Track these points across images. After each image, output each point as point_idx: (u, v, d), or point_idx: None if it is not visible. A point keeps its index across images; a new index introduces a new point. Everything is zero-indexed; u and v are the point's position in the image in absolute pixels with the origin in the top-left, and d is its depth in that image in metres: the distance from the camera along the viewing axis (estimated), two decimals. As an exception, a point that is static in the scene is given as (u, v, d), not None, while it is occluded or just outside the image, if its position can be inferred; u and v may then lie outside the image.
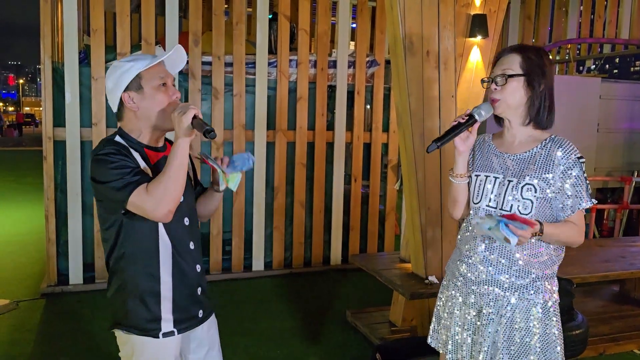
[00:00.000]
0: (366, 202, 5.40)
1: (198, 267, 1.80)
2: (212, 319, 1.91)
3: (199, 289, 1.80)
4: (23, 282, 4.64)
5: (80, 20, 4.55)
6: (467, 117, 1.72)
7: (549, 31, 6.87)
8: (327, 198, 5.22)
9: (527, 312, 1.77)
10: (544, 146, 1.76)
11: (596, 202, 1.64)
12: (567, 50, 8.44)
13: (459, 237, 1.94)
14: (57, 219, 4.44)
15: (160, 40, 4.79)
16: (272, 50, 5.03)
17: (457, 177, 1.85)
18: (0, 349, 3.42)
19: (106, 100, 4.38)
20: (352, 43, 5.73)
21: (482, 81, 1.83)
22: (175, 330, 1.73)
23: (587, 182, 1.73)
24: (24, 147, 22.79)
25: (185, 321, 1.76)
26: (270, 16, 5.03)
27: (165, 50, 4.55)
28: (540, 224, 1.65)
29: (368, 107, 5.38)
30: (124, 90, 1.65)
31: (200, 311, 1.81)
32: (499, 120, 1.85)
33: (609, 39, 6.78)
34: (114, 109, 1.71)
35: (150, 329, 1.69)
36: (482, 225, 1.58)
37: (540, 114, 1.77)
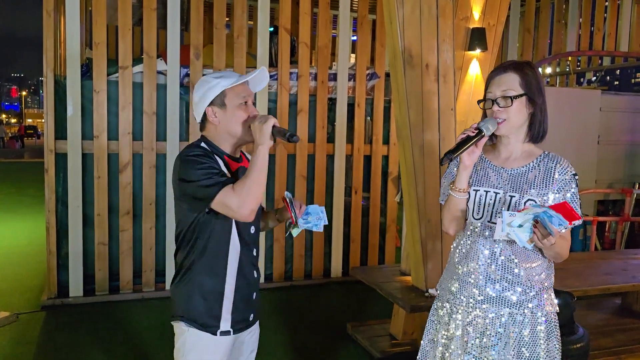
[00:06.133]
0: (367, 215, 5.40)
1: (255, 273, 1.92)
2: (257, 324, 2.01)
3: (254, 294, 1.92)
4: (23, 295, 4.64)
5: (82, 34, 4.59)
6: (476, 131, 1.71)
7: (548, 44, 6.90)
8: (327, 210, 5.20)
9: (533, 327, 1.76)
10: (540, 162, 1.78)
11: (582, 220, 1.61)
12: (567, 63, 8.48)
13: (455, 258, 1.90)
14: (58, 231, 4.44)
15: (162, 54, 4.82)
16: (273, 63, 5.06)
17: (459, 192, 1.80)
18: (0, 362, 3.41)
19: (108, 113, 4.48)
20: (353, 56, 5.77)
21: (481, 101, 1.81)
22: (231, 330, 1.83)
23: (579, 199, 1.75)
24: (25, 159, 22.85)
25: (240, 322, 1.86)
26: (271, 29, 5.07)
27: (167, 63, 4.58)
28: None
29: (368, 119, 5.40)
30: (209, 105, 1.79)
31: (252, 315, 1.92)
32: (492, 135, 1.82)
33: (609, 51, 6.82)
34: (198, 120, 1.85)
35: (210, 325, 1.79)
36: (514, 221, 1.54)
37: (542, 128, 1.78)
